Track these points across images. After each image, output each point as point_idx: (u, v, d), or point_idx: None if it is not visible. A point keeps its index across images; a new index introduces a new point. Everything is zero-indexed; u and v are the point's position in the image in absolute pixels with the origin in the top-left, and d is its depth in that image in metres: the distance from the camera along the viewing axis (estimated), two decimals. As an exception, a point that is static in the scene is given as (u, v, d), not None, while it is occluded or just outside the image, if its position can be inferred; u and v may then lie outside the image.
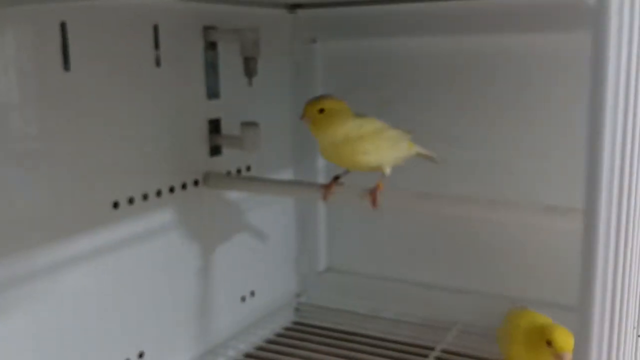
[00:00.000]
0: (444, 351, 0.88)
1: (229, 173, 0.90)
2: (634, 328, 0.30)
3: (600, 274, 0.27)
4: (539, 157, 0.89)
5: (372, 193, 0.73)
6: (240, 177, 0.92)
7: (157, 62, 0.77)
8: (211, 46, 0.85)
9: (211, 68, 0.85)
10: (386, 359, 0.87)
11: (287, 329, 0.99)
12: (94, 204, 0.72)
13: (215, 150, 0.87)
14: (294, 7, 0.99)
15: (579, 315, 0.25)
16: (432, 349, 0.88)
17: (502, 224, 0.88)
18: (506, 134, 0.90)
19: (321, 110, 0.72)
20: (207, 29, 0.84)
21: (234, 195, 0.91)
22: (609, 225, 0.28)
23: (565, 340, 0.73)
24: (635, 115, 0.29)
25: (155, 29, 0.77)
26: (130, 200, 0.76)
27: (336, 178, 0.77)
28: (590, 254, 0.26)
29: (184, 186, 0.83)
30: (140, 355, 0.79)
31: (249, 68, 0.85)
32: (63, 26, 0.66)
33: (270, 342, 0.94)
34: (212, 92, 0.86)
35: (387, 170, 0.74)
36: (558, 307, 0.78)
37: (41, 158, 0.66)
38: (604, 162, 0.28)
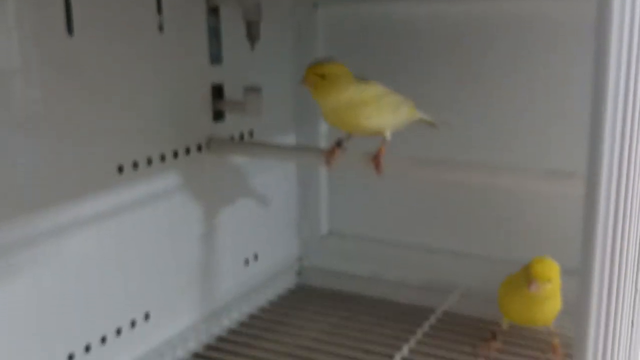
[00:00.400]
0: (445, 313, 0.90)
1: (232, 138, 0.91)
2: (633, 283, 0.31)
3: (601, 236, 0.28)
4: (540, 124, 0.89)
5: (376, 159, 0.74)
6: (243, 142, 0.92)
7: (160, 28, 0.77)
8: (213, 11, 0.84)
9: (213, 33, 0.85)
10: (387, 321, 0.88)
11: (290, 291, 1.00)
12: (99, 168, 0.72)
13: (218, 116, 0.88)
14: (295, -30, 0.98)
15: (581, 274, 0.26)
16: (432, 311, 0.90)
17: (504, 188, 0.89)
18: (507, 101, 0.91)
19: (323, 76, 0.72)
20: (209, -7, 0.83)
21: (236, 160, 0.92)
22: (609, 189, 0.29)
23: (541, 268, 0.73)
24: (637, 81, 0.29)
25: (158, -7, 0.76)
26: (135, 165, 0.76)
27: (339, 143, 0.78)
28: (591, 216, 0.27)
29: (187, 151, 0.84)
30: (146, 316, 0.80)
31: (252, 32, 0.85)
32: (66, -10, 0.66)
33: (273, 304, 0.96)
34: (215, 58, 0.86)
35: (388, 135, 0.75)
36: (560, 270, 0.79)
37: (43, 122, 0.66)
38: (606, 126, 0.28)
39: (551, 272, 0.75)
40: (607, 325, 0.30)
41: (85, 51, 0.69)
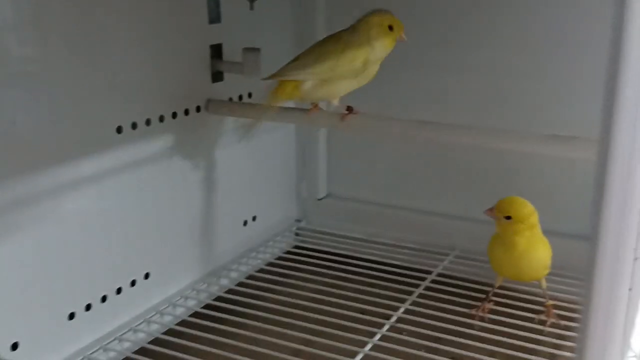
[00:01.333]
0: (441, 275, 0.91)
1: (230, 99, 0.90)
2: (632, 250, 0.31)
3: (613, 205, 0.27)
4: (534, 86, 0.89)
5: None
6: (241, 103, 0.92)
7: (158, -14, 0.76)
8: (212, -30, 0.83)
9: (212, -8, 0.84)
10: (383, 282, 0.89)
11: (288, 252, 1.01)
12: (98, 128, 0.72)
13: (217, 76, 0.87)
14: None
15: (590, 243, 0.26)
16: (429, 272, 0.91)
17: (500, 151, 0.89)
18: (503, 61, 0.90)
19: None
20: (208, -49, 0.82)
21: (235, 121, 0.92)
22: (623, 155, 0.28)
23: (503, 202, 0.77)
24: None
25: (156, -49, 0.75)
26: (134, 125, 0.76)
27: (349, 108, 0.77)
28: (603, 183, 0.27)
29: (186, 112, 0.84)
30: (146, 276, 0.81)
31: (251, -8, 0.84)
32: (62, -53, 0.65)
33: (271, 264, 0.97)
34: (214, 17, 0.85)
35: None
36: (552, 234, 0.80)
37: (41, 81, 0.66)
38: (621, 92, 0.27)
39: (512, 209, 0.77)
40: (611, 290, 0.30)
41: (82, 11, 0.68)
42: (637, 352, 0.38)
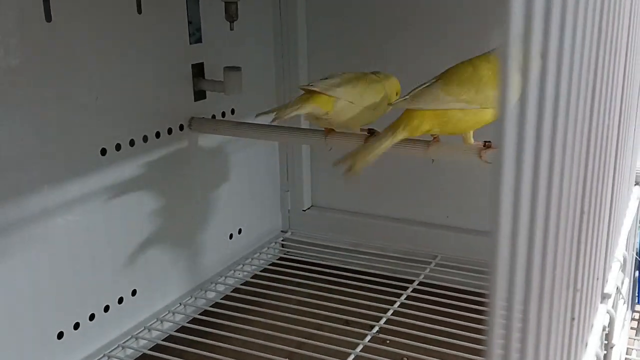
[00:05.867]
0: (422, 283, 0.93)
1: (213, 117, 0.92)
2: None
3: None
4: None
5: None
6: (224, 120, 0.94)
7: (139, 9, 0.78)
8: (192, -8, 0.85)
9: (193, 13, 0.86)
10: (367, 292, 0.91)
11: (273, 264, 1.03)
12: (82, 151, 0.74)
13: (199, 95, 0.89)
14: (274, -53, 0.99)
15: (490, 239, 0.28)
16: (410, 282, 0.93)
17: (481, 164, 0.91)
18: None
19: None
20: (187, -27, 0.84)
21: (219, 137, 0.93)
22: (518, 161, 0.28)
23: None
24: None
25: (136, -25, 0.77)
26: (118, 147, 0.78)
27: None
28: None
29: (169, 131, 0.85)
30: (133, 293, 0.83)
31: (230, 13, 0.86)
32: (43, -23, 0.66)
33: (257, 277, 0.98)
34: (195, 37, 0.87)
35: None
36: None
37: (25, 106, 0.67)
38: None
39: None
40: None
41: (65, 37, 0.70)
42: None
